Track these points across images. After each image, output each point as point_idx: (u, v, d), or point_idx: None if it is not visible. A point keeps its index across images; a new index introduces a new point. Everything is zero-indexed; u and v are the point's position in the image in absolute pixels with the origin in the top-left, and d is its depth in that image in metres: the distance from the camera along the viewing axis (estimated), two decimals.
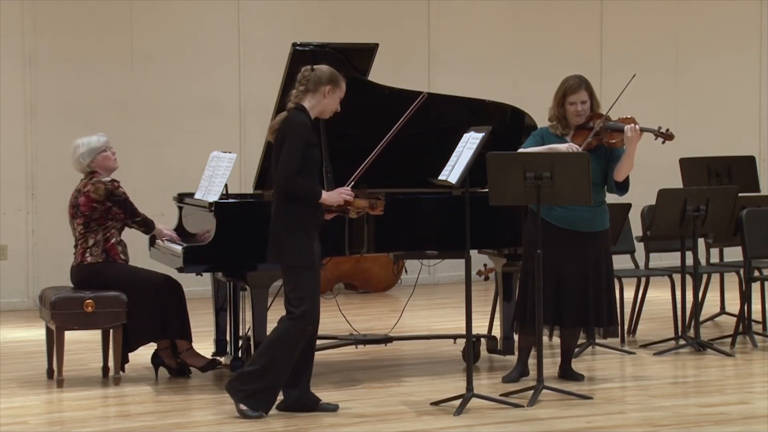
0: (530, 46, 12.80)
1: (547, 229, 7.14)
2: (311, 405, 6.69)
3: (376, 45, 7.85)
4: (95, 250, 7.60)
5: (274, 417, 6.58)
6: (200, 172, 7.96)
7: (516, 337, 7.62)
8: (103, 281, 7.54)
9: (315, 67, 6.67)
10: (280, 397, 6.68)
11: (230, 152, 7.76)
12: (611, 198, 7.49)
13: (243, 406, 6.54)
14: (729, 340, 8.64)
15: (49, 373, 7.74)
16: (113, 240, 7.64)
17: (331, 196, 6.60)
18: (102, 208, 7.60)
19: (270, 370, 6.51)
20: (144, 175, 11.03)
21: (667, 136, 7.35)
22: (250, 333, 7.42)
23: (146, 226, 7.76)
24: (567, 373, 7.52)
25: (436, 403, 6.85)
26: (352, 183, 6.75)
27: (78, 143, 7.76)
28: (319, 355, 7.67)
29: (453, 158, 6.84)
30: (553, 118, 7.40)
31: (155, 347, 7.78)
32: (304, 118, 6.56)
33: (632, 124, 7.23)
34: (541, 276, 6.93)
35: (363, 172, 6.84)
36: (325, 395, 6.84)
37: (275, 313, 7.00)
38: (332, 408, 6.72)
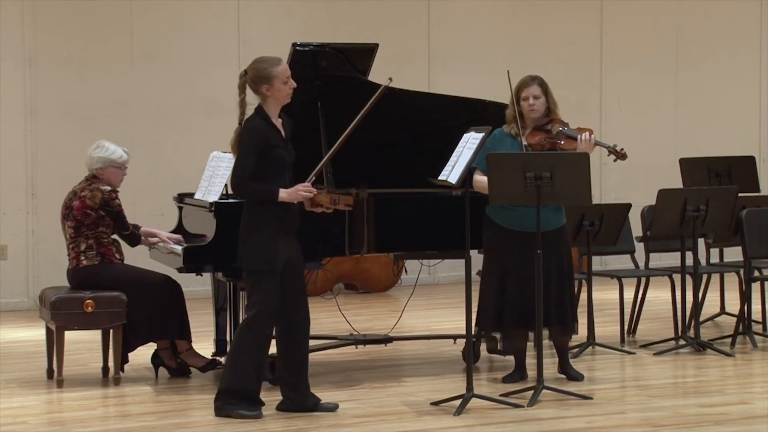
0: (530, 46, 12.78)
1: (500, 234, 7.14)
2: (311, 405, 6.68)
3: (376, 45, 7.85)
4: (89, 253, 7.58)
5: (274, 417, 6.58)
6: (200, 172, 7.96)
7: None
8: (101, 283, 7.53)
9: (247, 69, 6.67)
10: (280, 397, 6.69)
11: (230, 152, 7.75)
12: (611, 198, 7.47)
13: (237, 412, 6.53)
14: (729, 340, 8.64)
15: (49, 373, 7.73)
16: (106, 241, 7.62)
17: (289, 194, 6.55)
18: (94, 216, 7.57)
19: (237, 378, 6.51)
20: (144, 175, 11.02)
21: (621, 156, 7.31)
22: None
23: (131, 240, 7.75)
24: (566, 370, 7.50)
25: (436, 403, 6.85)
26: (313, 179, 6.73)
27: (102, 144, 7.74)
28: (319, 355, 7.67)
29: (453, 158, 6.84)
30: (509, 117, 7.39)
31: (155, 347, 7.79)
32: (258, 121, 6.57)
33: (586, 134, 7.22)
34: (541, 276, 6.92)
35: (328, 169, 6.96)
36: (325, 395, 6.84)
37: None
38: (332, 408, 6.72)
